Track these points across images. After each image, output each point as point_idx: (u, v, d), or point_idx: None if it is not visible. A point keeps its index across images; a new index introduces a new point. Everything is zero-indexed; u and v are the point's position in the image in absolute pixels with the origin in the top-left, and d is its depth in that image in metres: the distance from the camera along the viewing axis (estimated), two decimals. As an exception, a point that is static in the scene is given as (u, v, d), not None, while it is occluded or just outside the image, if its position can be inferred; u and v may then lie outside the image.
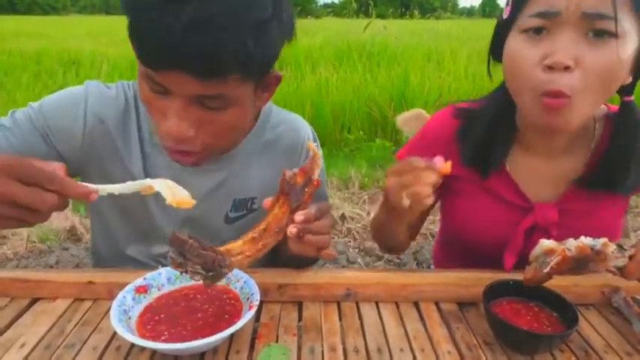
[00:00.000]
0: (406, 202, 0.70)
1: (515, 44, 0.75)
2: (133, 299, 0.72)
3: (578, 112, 0.72)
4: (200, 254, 0.58)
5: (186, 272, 0.59)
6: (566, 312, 0.70)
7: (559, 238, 0.79)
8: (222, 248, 0.63)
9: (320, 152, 0.67)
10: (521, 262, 0.85)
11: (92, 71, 5.47)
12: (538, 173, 0.88)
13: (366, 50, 6.48)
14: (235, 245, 0.65)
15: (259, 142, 0.92)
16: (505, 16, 0.79)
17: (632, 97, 0.82)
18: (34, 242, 2.55)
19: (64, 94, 0.85)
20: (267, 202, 0.68)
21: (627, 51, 0.70)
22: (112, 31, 14.30)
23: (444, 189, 0.95)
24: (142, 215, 0.90)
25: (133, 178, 0.82)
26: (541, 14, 0.71)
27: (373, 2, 8.02)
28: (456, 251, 1.06)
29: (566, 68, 0.69)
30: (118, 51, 7.75)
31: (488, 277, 0.77)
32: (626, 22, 0.68)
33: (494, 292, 0.73)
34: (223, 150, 0.85)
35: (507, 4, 0.79)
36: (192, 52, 0.60)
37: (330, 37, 7.81)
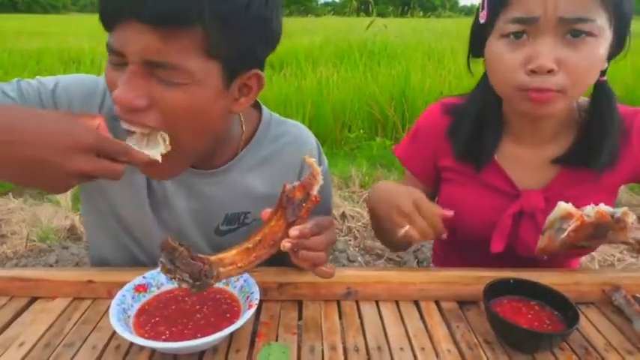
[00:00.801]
0: (400, 233, 0.74)
1: (497, 48, 0.78)
2: (133, 298, 0.72)
3: (562, 102, 0.77)
4: (189, 263, 0.60)
5: (174, 279, 0.60)
6: (566, 310, 0.70)
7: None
8: (214, 257, 0.63)
9: (320, 169, 0.66)
10: (509, 247, 0.90)
11: (92, 69, 5.48)
12: (525, 161, 0.91)
13: (366, 49, 6.46)
14: (228, 255, 0.64)
15: (258, 156, 0.89)
16: (482, 21, 0.81)
17: (605, 77, 0.85)
18: (34, 241, 2.55)
19: (80, 84, 0.82)
20: (266, 213, 0.67)
21: (604, 45, 0.74)
22: (113, 30, 14.29)
23: (438, 179, 1.02)
24: (136, 222, 0.88)
25: (134, 186, 0.83)
26: (520, 20, 0.74)
27: (374, 1, 8.00)
28: (453, 243, 1.06)
29: (549, 71, 0.73)
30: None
31: (489, 275, 0.77)
32: (600, 19, 0.72)
33: (494, 290, 0.73)
34: (184, 150, 0.70)
35: (483, 9, 0.80)
36: None
37: (331, 35, 7.80)
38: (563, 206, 0.66)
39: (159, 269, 0.76)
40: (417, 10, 10.95)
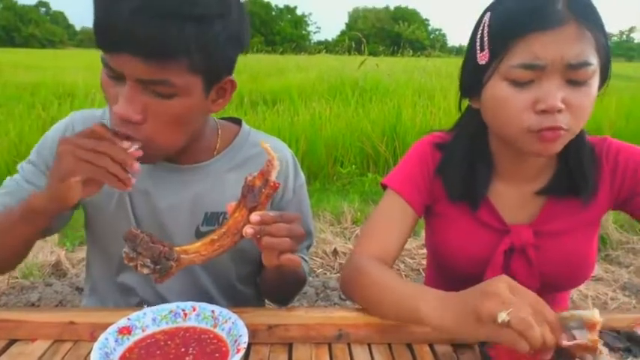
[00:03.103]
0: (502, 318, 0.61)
1: (501, 91, 0.78)
2: (116, 341, 0.69)
3: (567, 139, 0.79)
4: (149, 247, 0.62)
5: (136, 267, 0.63)
6: (560, 353, 0.68)
7: (536, 259, 0.89)
8: (179, 248, 0.66)
9: (276, 154, 0.69)
10: None
11: (86, 103, 5.50)
12: (512, 197, 0.93)
13: (358, 86, 6.60)
14: (192, 246, 0.67)
15: (238, 157, 0.95)
16: (482, 62, 0.80)
17: None
18: (17, 278, 2.48)
19: (52, 130, 0.94)
20: (230, 206, 0.70)
21: (597, 83, 0.78)
22: (109, 65, 14.49)
23: (428, 213, 1.01)
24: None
25: (108, 193, 0.88)
26: (526, 66, 0.75)
27: (365, 40, 8.25)
28: (445, 279, 1.05)
29: (559, 111, 0.75)
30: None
31: (483, 317, 0.75)
32: (595, 59, 0.75)
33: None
34: (165, 147, 0.80)
35: (482, 50, 0.80)
36: (138, 35, 0.67)
37: (324, 73, 7.97)
38: (594, 316, 0.60)
39: (144, 310, 0.74)
40: (407, 50, 11.28)
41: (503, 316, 0.57)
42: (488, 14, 0.81)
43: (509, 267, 0.90)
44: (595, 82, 0.77)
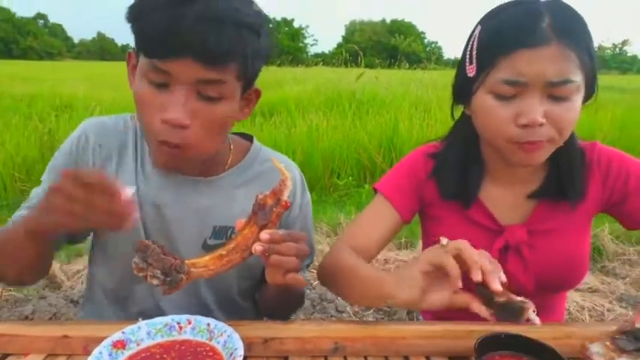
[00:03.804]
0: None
1: (485, 102, 0.83)
2: (110, 355, 0.68)
3: (550, 150, 0.83)
4: (160, 258, 0.63)
5: (145, 277, 0.63)
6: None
7: (530, 257, 0.93)
8: (187, 261, 0.66)
9: (289, 174, 0.70)
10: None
11: (85, 115, 5.50)
12: (504, 198, 0.97)
13: (355, 98, 6.64)
14: (201, 260, 0.67)
15: (248, 173, 0.97)
16: (470, 75, 0.85)
17: None
18: (10, 290, 2.45)
19: (67, 143, 0.94)
20: (240, 223, 0.71)
21: (581, 97, 0.81)
22: (107, 76, 14.56)
23: (423, 218, 1.06)
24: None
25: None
26: (509, 82, 0.79)
27: (362, 53, 8.32)
28: None
29: (540, 125, 0.78)
30: (112, 95, 7.85)
31: (480, 329, 0.75)
32: (578, 76, 0.78)
33: (486, 345, 0.71)
34: (202, 151, 0.82)
35: (471, 63, 0.85)
36: (202, 39, 0.71)
37: (321, 85, 8.02)
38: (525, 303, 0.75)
39: (139, 324, 0.74)
40: (404, 62, 11.38)
41: (444, 241, 0.78)
42: (479, 28, 0.85)
43: (504, 266, 0.91)
44: (578, 96, 0.80)
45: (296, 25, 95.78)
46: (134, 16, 0.76)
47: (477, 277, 0.74)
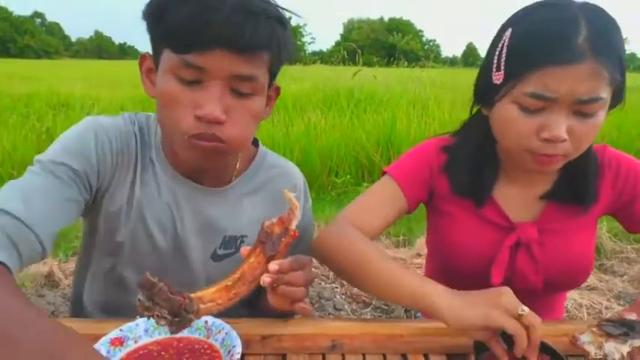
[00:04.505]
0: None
1: (510, 112, 0.80)
2: (108, 352, 0.68)
3: (563, 162, 0.83)
4: (168, 298, 0.58)
5: (152, 316, 0.58)
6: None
7: (540, 256, 0.92)
8: (193, 295, 0.62)
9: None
10: (508, 279, 0.93)
11: (82, 114, 5.49)
12: (516, 197, 0.96)
13: (353, 97, 6.63)
14: (207, 292, 0.64)
15: (254, 181, 0.95)
16: (497, 82, 0.81)
17: None
18: (9, 288, 2.44)
19: (74, 138, 0.82)
20: (245, 250, 0.68)
21: (606, 109, 0.79)
22: (104, 75, 14.53)
23: (432, 212, 1.04)
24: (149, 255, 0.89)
25: (117, 207, 0.85)
26: (538, 96, 0.76)
27: (360, 51, 8.30)
28: (446, 279, 1.05)
29: (562, 140, 0.77)
30: (109, 94, 7.83)
31: (477, 327, 0.75)
32: (606, 93, 0.76)
33: (484, 343, 0.71)
34: (236, 148, 0.81)
35: (499, 70, 0.81)
36: (237, 30, 0.70)
37: (319, 83, 8.01)
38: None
39: (137, 321, 0.74)
40: (402, 61, 11.36)
41: (524, 308, 0.68)
42: (509, 31, 0.80)
43: (514, 264, 0.93)
44: (603, 112, 0.79)
45: (294, 23, 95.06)
46: (158, 10, 0.73)
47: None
